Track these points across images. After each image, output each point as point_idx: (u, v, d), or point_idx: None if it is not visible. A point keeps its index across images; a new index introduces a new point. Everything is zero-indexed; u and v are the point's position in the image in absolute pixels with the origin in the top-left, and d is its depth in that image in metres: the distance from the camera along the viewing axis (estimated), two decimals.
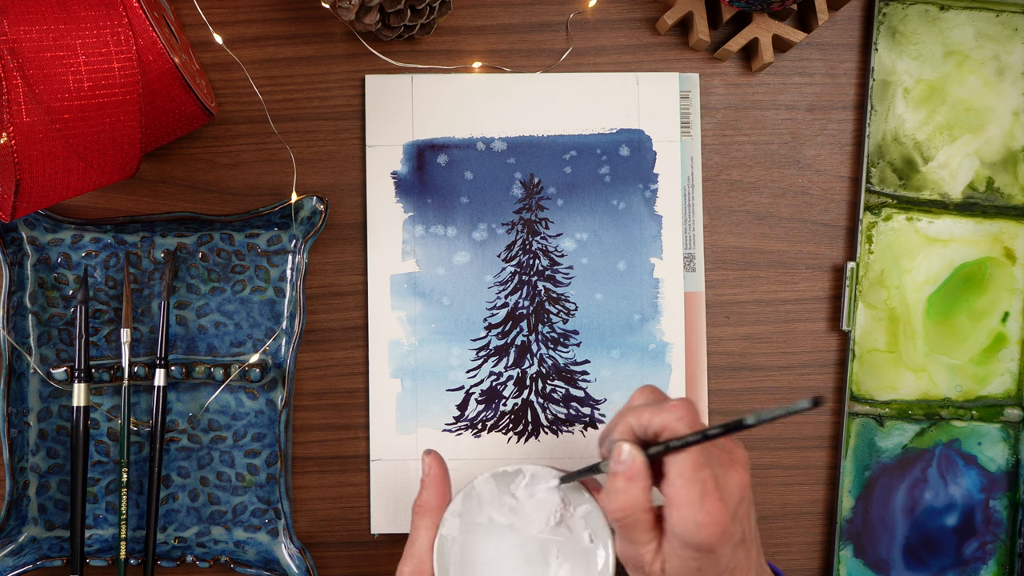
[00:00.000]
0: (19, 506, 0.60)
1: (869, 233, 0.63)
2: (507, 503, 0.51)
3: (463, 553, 0.50)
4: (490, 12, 0.62)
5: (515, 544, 0.50)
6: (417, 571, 0.50)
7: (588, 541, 0.50)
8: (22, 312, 0.60)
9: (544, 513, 0.50)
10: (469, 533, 0.50)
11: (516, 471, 0.51)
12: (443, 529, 0.50)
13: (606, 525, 0.50)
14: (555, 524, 0.50)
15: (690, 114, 0.63)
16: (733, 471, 0.46)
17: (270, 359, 0.61)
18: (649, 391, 0.49)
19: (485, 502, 0.50)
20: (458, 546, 0.50)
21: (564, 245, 0.62)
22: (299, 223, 0.60)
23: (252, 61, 0.61)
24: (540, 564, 0.50)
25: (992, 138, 0.63)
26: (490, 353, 0.62)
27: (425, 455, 0.52)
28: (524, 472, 0.51)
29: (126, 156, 0.52)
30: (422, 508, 0.51)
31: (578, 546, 0.50)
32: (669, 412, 0.46)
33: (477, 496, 0.50)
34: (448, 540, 0.50)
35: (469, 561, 0.50)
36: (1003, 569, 0.63)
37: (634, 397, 0.50)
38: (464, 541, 0.50)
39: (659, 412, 0.46)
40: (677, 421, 0.45)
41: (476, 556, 0.50)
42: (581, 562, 0.50)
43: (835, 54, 0.64)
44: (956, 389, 0.63)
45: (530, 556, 0.50)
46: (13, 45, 0.46)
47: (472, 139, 0.62)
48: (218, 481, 0.61)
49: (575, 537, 0.50)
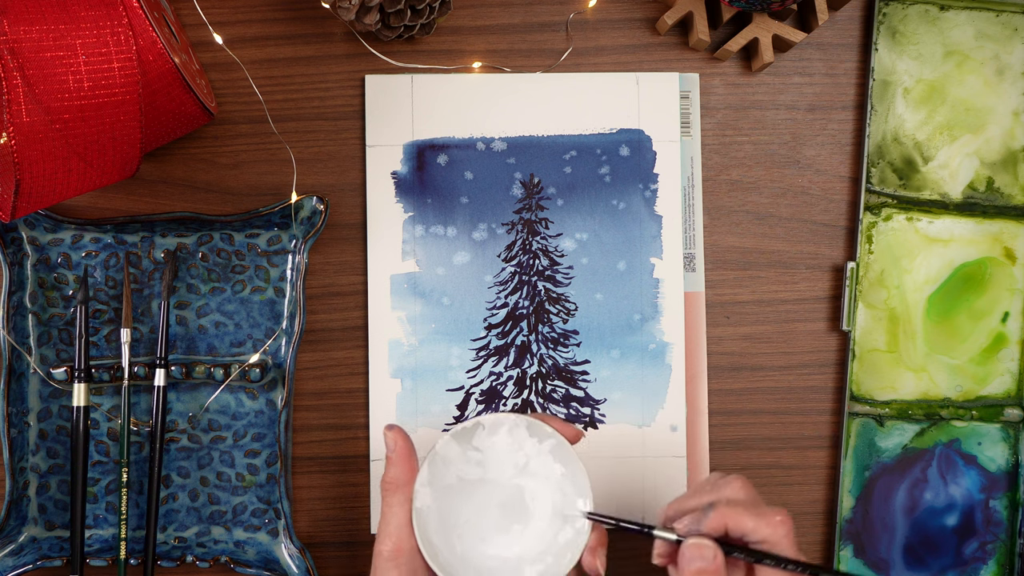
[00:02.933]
0: (19, 506, 0.60)
1: (869, 233, 0.63)
2: (473, 457, 0.50)
3: (441, 519, 0.50)
4: (490, 12, 0.62)
5: (490, 495, 0.50)
6: (396, 549, 0.50)
7: (560, 473, 0.50)
8: (22, 312, 0.60)
9: (511, 457, 0.50)
10: (443, 498, 0.50)
11: (475, 424, 0.51)
12: (417, 502, 0.50)
13: (574, 453, 0.50)
14: (524, 465, 0.50)
15: (690, 114, 0.63)
16: None
17: (270, 359, 0.61)
18: (745, 488, 0.49)
19: (451, 463, 0.50)
20: (435, 513, 0.50)
21: (564, 245, 0.62)
22: (299, 223, 0.60)
23: (252, 61, 0.62)
24: (518, 508, 0.50)
25: (992, 138, 0.63)
26: (490, 353, 0.62)
27: (387, 430, 0.52)
28: (482, 423, 0.50)
29: (126, 156, 0.52)
30: (392, 485, 0.51)
31: (551, 480, 0.50)
32: (775, 527, 0.47)
33: (442, 459, 0.50)
34: (424, 511, 0.50)
35: (449, 525, 0.50)
36: (1003, 569, 0.63)
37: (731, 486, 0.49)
38: (439, 507, 0.50)
39: (762, 522, 0.47)
40: (783, 539, 0.47)
41: (455, 519, 0.50)
42: (558, 494, 0.50)
43: (835, 54, 0.64)
44: (956, 389, 0.63)
45: (507, 503, 0.50)
46: (13, 45, 0.46)
47: (472, 139, 0.62)
48: (218, 481, 0.61)
49: (547, 472, 0.50)
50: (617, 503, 0.62)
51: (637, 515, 0.62)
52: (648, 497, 0.62)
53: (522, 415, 0.51)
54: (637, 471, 0.62)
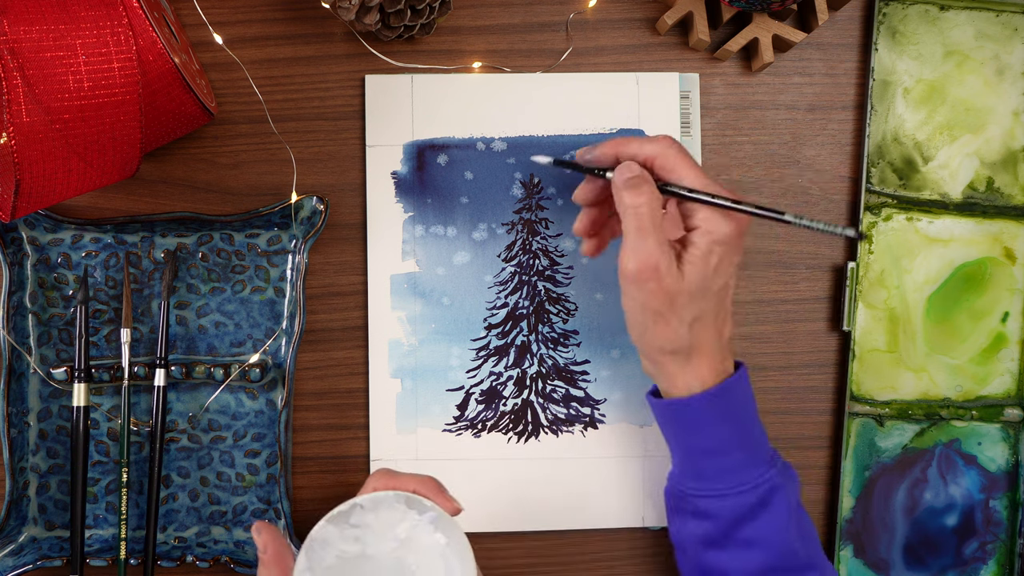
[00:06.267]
0: (19, 506, 0.60)
1: (869, 233, 0.63)
2: (351, 534, 0.50)
3: None
4: (490, 12, 0.62)
5: (371, 570, 0.50)
6: None
7: (443, 543, 0.50)
8: (22, 312, 0.60)
9: (391, 531, 0.50)
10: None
11: (351, 505, 0.50)
12: None
13: (456, 523, 0.50)
14: (405, 538, 0.50)
15: (690, 114, 0.63)
16: None
17: (270, 359, 0.61)
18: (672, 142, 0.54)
19: (330, 544, 0.50)
20: None
21: (564, 245, 0.62)
22: (299, 223, 0.60)
23: (252, 61, 0.61)
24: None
25: (992, 138, 0.63)
26: (490, 353, 0.62)
27: (256, 533, 0.52)
28: (359, 503, 0.50)
29: (126, 156, 0.52)
30: None
31: (433, 550, 0.50)
32: (656, 142, 0.52)
33: (320, 543, 0.50)
34: None
35: None
36: (1003, 569, 0.63)
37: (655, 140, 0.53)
38: None
39: (646, 142, 0.52)
40: (667, 148, 0.52)
41: None
42: (440, 564, 0.50)
43: (835, 54, 0.64)
44: (956, 389, 0.63)
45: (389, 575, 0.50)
46: (13, 45, 0.46)
47: (472, 139, 0.62)
48: (218, 481, 0.61)
49: (429, 543, 0.50)
50: (617, 503, 0.62)
51: (637, 516, 0.62)
52: (648, 497, 0.62)
53: (400, 492, 0.50)
54: (637, 471, 0.62)
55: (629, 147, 0.52)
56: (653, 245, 0.49)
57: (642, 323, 0.52)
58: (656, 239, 0.49)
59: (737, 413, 0.52)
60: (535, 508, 0.62)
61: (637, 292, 0.51)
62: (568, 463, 0.62)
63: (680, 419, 0.53)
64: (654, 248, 0.49)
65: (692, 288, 0.50)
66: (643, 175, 0.51)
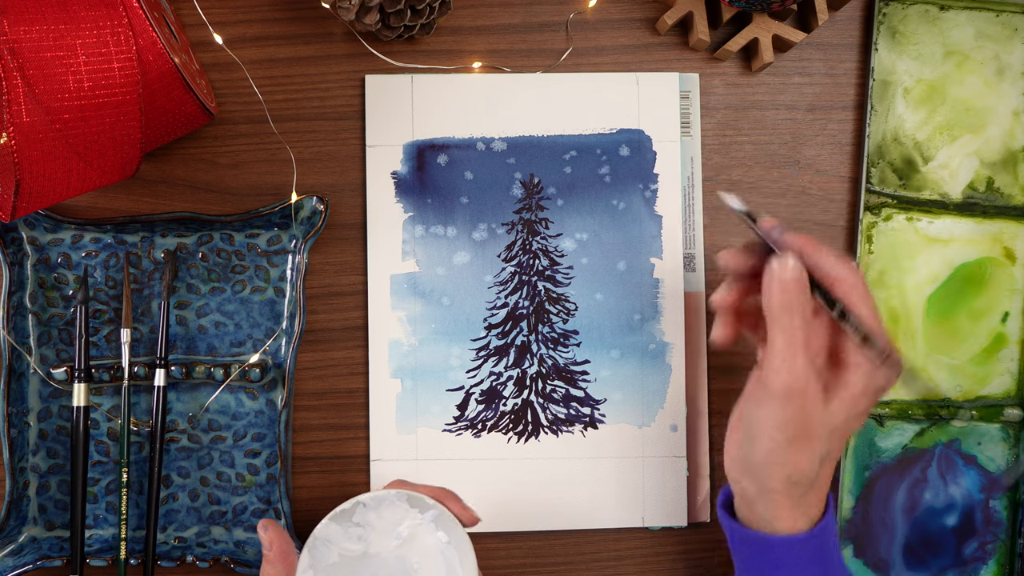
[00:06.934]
0: (19, 506, 0.60)
1: (869, 233, 0.63)
2: (354, 533, 0.50)
3: None
4: (490, 12, 0.62)
5: (374, 569, 0.50)
6: None
7: (444, 541, 0.50)
8: (22, 312, 0.60)
9: (393, 529, 0.50)
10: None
11: (354, 503, 0.51)
12: None
13: (457, 521, 0.50)
14: (407, 536, 0.50)
15: (690, 114, 0.63)
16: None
17: (270, 359, 0.61)
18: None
19: (333, 542, 0.50)
20: None
21: (564, 245, 0.62)
22: (299, 223, 0.60)
23: (252, 61, 0.61)
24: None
25: (992, 138, 0.63)
26: (490, 353, 0.62)
27: (262, 530, 0.52)
28: (362, 501, 0.50)
29: (126, 156, 0.52)
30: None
31: (435, 549, 0.50)
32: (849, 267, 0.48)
33: (323, 542, 0.50)
34: None
35: None
36: (1003, 569, 0.63)
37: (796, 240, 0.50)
38: None
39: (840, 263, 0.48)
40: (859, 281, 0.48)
41: None
42: (441, 562, 0.50)
43: (835, 54, 0.64)
44: (956, 389, 0.63)
45: (392, 573, 0.50)
46: (13, 45, 0.46)
47: (472, 139, 0.62)
48: (218, 481, 0.61)
49: (431, 541, 0.50)
50: (617, 503, 0.62)
51: (637, 516, 0.62)
52: (648, 497, 0.62)
53: (402, 490, 0.50)
54: (637, 471, 0.62)
55: (821, 257, 0.48)
56: (803, 366, 0.46)
57: (773, 441, 0.47)
58: (805, 359, 0.47)
59: (830, 552, 0.50)
60: (535, 508, 0.62)
61: (780, 409, 0.47)
62: (568, 463, 0.62)
63: (771, 555, 0.49)
64: (805, 369, 0.46)
65: (835, 424, 0.48)
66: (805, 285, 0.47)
